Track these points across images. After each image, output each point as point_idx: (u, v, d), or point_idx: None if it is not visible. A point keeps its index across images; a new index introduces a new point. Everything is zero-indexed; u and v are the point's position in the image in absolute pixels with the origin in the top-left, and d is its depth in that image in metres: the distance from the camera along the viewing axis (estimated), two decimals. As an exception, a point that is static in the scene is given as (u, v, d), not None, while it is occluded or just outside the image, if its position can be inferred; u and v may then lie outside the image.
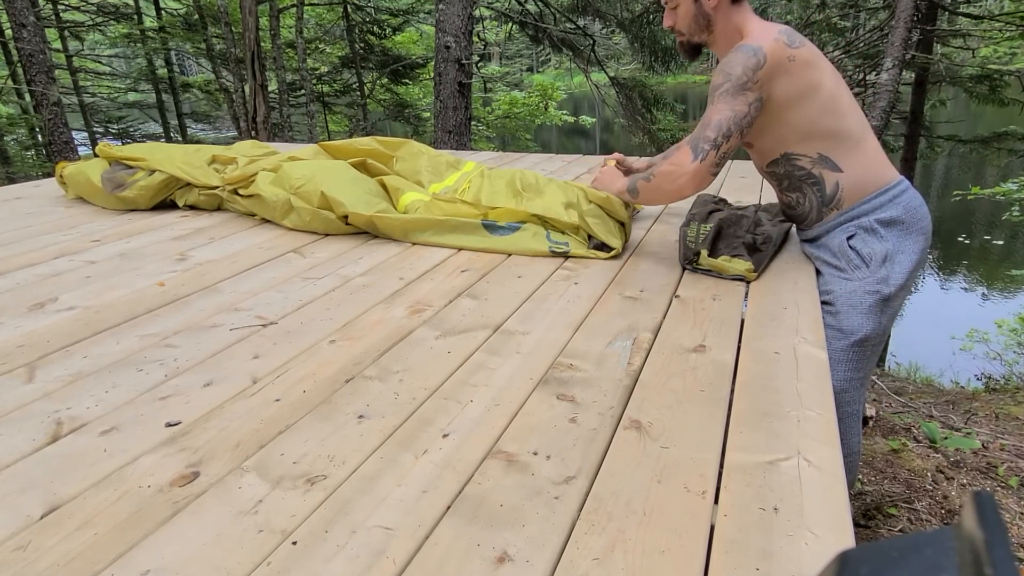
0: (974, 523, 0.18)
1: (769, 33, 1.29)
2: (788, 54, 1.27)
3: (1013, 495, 2.00)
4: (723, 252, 1.42)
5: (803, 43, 1.30)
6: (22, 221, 1.97)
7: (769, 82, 1.29)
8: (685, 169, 1.34)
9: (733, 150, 1.34)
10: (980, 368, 5.40)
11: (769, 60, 1.27)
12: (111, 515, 0.69)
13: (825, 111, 1.31)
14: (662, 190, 1.41)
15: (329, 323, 1.18)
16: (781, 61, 1.27)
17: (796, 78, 1.29)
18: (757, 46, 1.28)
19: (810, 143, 1.34)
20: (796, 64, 1.28)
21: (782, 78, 1.29)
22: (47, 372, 1.01)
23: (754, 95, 1.30)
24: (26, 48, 5.84)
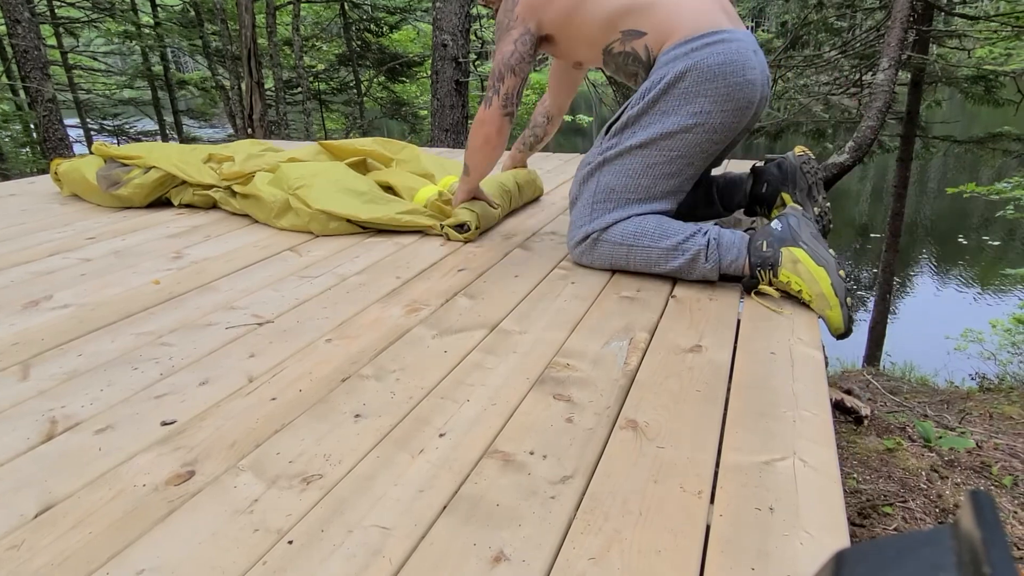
0: (972, 522, 0.18)
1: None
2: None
3: (1007, 494, 2.01)
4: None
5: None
6: (16, 218, 1.96)
7: (530, 14, 1.43)
8: (482, 119, 1.49)
9: (515, 87, 1.46)
10: (974, 368, 5.43)
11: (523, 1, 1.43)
12: (106, 514, 0.68)
13: (597, 1, 1.40)
14: (475, 148, 1.54)
15: (325, 322, 1.17)
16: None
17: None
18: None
19: (610, 29, 1.40)
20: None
21: (545, 5, 1.42)
22: (41, 370, 1.01)
23: (517, 32, 1.43)
24: (21, 44, 5.80)
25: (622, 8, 1.37)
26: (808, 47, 6.60)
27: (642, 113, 1.36)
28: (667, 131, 1.33)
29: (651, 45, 1.37)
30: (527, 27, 1.42)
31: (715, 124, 1.33)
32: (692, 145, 1.34)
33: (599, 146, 1.42)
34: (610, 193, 1.38)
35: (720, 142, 1.37)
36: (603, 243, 1.39)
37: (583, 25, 1.41)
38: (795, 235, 1.21)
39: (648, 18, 1.37)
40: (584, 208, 1.42)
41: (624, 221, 1.37)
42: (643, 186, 1.37)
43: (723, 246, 1.28)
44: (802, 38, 6.46)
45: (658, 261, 1.34)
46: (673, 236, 1.32)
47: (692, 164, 1.37)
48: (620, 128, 1.39)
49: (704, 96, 1.31)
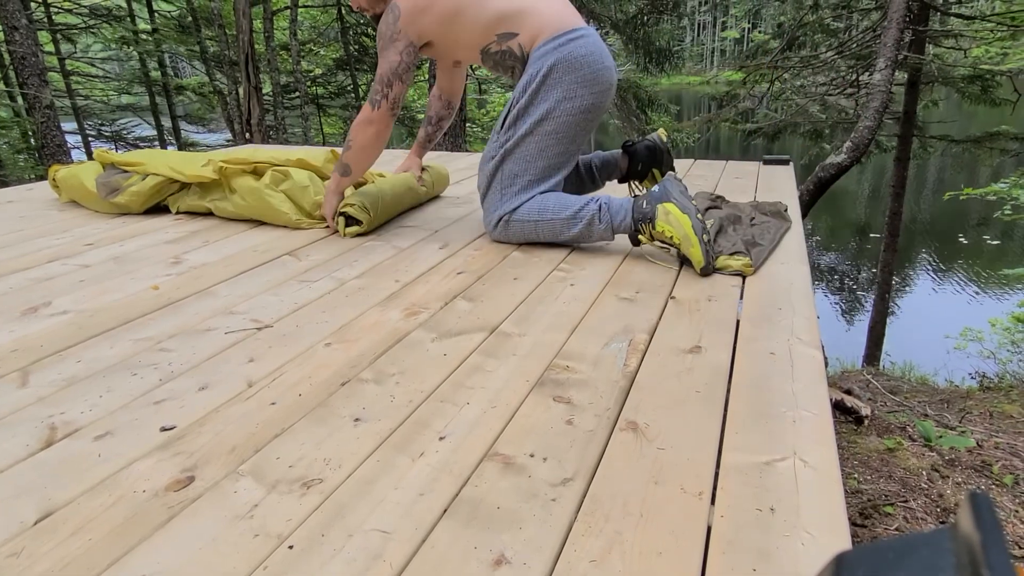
0: (970, 524, 0.18)
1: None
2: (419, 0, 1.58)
3: (1008, 493, 2.01)
4: (723, 249, 1.43)
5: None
6: (14, 225, 1.96)
7: (413, 26, 1.60)
8: (370, 118, 1.65)
9: (402, 93, 1.65)
10: (974, 367, 5.43)
11: (403, 11, 1.58)
12: (106, 520, 0.68)
13: (481, 7, 1.59)
14: (361, 146, 1.68)
15: (324, 326, 1.17)
16: (413, 6, 1.58)
17: (437, 6, 1.58)
18: (394, 3, 1.60)
19: (487, 34, 1.61)
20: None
21: (423, 16, 1.59)
22: (40, 377, 1.01)
23: (402, 44, 1.61)
24: (18, 51, 5.81)
25: (496, 16, 1.59)
26: (805, 48, 6.62)
27: (528, 105, 1.59)
28: (550, 115, 1.57)
29: (523, 43, 1.60)
30: (409, 39, 1.61)
31: (587, 104, 1.58)
32: (572, 123, 1.59)
33: (497, 140, 1.63)
34: (514, 179, 1.61)
35: (593, 119, 1.62)
36: (514, 222, 1.61)
37: (462, 32, 1.61)
38: (668, 193, 1.46)
39: (519, 22, 1.59)
40: (495, 195, 1.64)
41: (529, 201, 1.60)
42: (540, 167, 1.60)
43: (612, 209, 1.52)
44: (799, 39, 6.48)
45: (562, 230, 1.57)
46: (571, 207, 1.56)
47: (575, 140, 1.62)
48: (512, 121, 1.61)
49: (575, 82, 1.56)
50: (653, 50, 6.74)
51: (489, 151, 1.64)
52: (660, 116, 7.05)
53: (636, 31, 6.64)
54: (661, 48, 6.74)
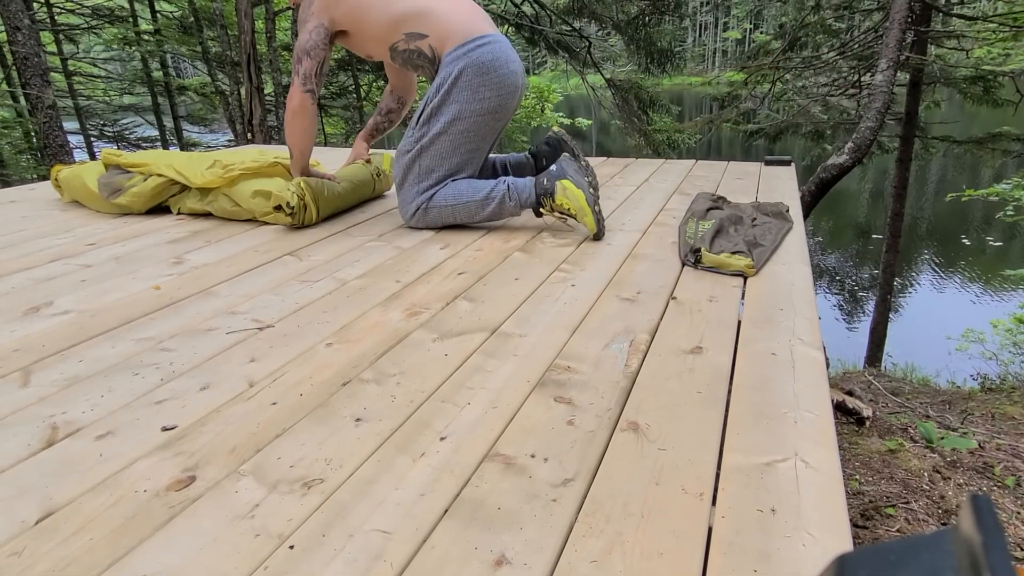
0: (971, 526, 0.18)
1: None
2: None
3: (1010, 494, 2.00)
4: (724, 249, 1.43)
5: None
6: (17, 225, 1.96)
7: (325, 11, 1.72)
8: (290, 95, 1.77)
9: (311, 68, 1.75)
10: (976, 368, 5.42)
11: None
12: (107, 520, 0.68)
13: (388, 3, 1.70)
14: (287, 122, 1.81)
15: (326, 326, 1.18)
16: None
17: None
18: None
19: (394, 31, 1.72)
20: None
21: (335, 3, 1.71)
22: (42, 376, 1.01)
23: (312, 24, 1.73)
24: (21, 51, 5.82)
25: (403, 14, 1.70)
26: (806, 49, 6.62)
27: (440, 104, 1.71)
28: (461, 116, 1.70)
29: (434, 45, 1.71)
30: (321, 21, 1.73)
31: (494, 106, 1.72)
32: (481, 124, 1.73)
33: (412, 136, 1.76)
34: (430, 173, 1.76)
35: (501, 119, 1.77)
36: (432, 209, 1.77)
37: (368, 25, 1.72)
38: (564, 171, 1.68)
39: (426, 23, 1.70)
40: (411, 187, 1.78)
41: (443, 188, 1.76)
42: (453, 163, 1.76)
43: (519, 188, 1.72)
44: (800, 40, 6.48)
45: (477, 211, 1.75)
46: (483, 190, 1.74)
47: (485, 138, 1.78)
48: (426, 119, 1.73)
49: (483, 85, 1.69)
50: (655, 51, 6.74)
51: (405, 145, 1.77)
52: (661, 117, 7.04)
53: (638, 32, 6.63)
54: (663, 49, 6.74)
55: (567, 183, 1.65)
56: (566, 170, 1.68)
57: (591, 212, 1.63)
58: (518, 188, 1.72)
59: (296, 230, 1.84)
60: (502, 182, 1.74)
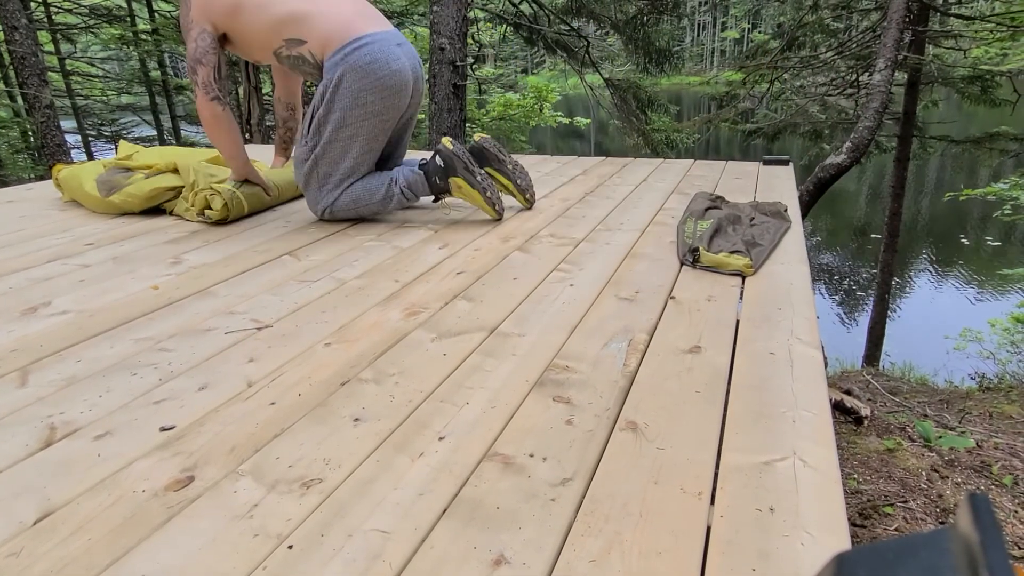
0: (969, 524, 0.18)
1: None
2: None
3: (1007, 493, 2.01)
4: (722, 249, 1.43)
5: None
6: (15, 224, 1.96)
7: (203, 17, 1.71)
8: (199, 107, 1.77)
9: (208, 75, 1.74)
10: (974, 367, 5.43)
11: (195, 2, 1.71)
12: (105, 520, 0.68)
13: (262, 8, 1.69)
14: (209, 134, 1.82)
15: (324, 326, 1.17)
16: (201, 0, 1.70)
17: (223, 2, 1.68)
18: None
19: (274, 37, 1.72)
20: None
21: (211, 7, 1.70)
22: (40, 376, 1.01)
23: (196, 31, 1.71)
24: (18, 51, 5.81)
25: (280, 19, 1.69)
26: (804, 48, 6.62)
27: (326, 113, 1.75)
28: (346, 122, 1.74)
29: (314, 51, 1.73)
30: (203, 27, 1.72)
31: (378, 108, 1.75)
32: (368, 127, 1.77)
33: (306, 144, 1.82)
34: (327, 178, 1.84)
35: (390, 119, 1.81)
36: (338, 212, 1.87)
37: (246, 32, 1.73)
38: (452, 169, 1.81)
39: (305, 28, 1.70)
40: (314, 192, 1.87)
41: (342, 196, 1.85)
42: (347, 166, 1.82)
43: (411, 187, 1.87)
44: (798, 39, 6.48)
45: (379, 209, 1.89)
46: (378, 192, 1.86)
47: (376, 139, 1.82)
48: (316, 128, 1.78)
49: (363, 90, 1.71)
50: (653, 50, 6.74)
51: (301, 154, 1.84)
52: (660, 116, 7.04)
53: (636, 31, 6.63)
54: (661, 48, 6.74)
55: (460, 182, 1.81)
56: (453, 168, 1.81)
57: (484, 202, 1.82)
58: (411, 186, 1.86)
59: (294, 231, 1.83)
60: (393, 183, 1.86)
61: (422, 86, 1.90)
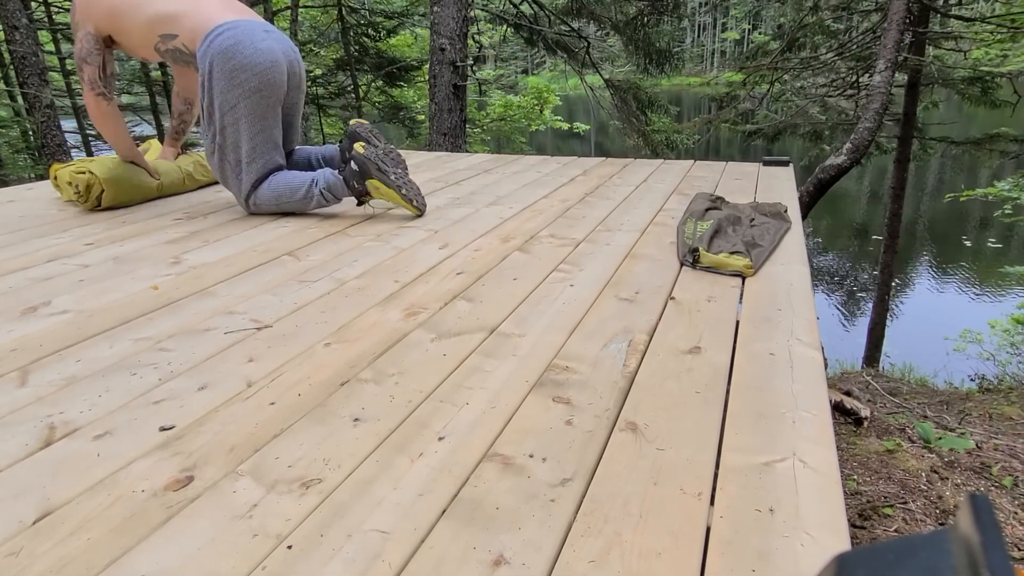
0: (970, 525, 0.18)
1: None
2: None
3: (1007, 495, 2.01)
4: (722, 249, 1.43)
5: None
6: (15, 224, 1.96)
7: (86, 19, 1.83)
8: (86, 102, 1.92)
9: (93, 73, 1.88)
10: (974, 368, 5.43)
11: (77, 6, 1.83)
12: (105, 520, 0.68)
13: (136, 9, 1.80)
14: (97, 127, 1.99)
15: (324, 326, 1.17)
16: (82, 4, 1.82)
17: (102, 6, 1.81)
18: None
19: (150, 34, 1.83)
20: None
21: (90, 10, 1.82)
22: (40, 376, 1.01)
23: (81, 32, 1.84)
24: (19, 50, 5.80)
25: (153, 16, 1.80)
26: (805, 49, 6.62)
27: (210, 101, 1.82)
28: (227, 105, 1.81)
29: (187, 44, 1.82)
30: (87, 29, 1.84)
31: (256, 84, 1.80)
32: (251, 106, 1.82)
33: (207, 138, 1.90)
34: (236, 165, 1.90)
35: (273, 96, 1.86)
36: (260, 204, 1.95)
37: (125, 31, 1.83)
38: (367, 172, 1.87)
39: (175, 23, 1.80)
40: (233, 183, 1.94)
41: (262, 186, 1.92)
42: (248, 149, 1.87)
43: (332, 188, 1.92)
44: (799, 40, 6.48)
45: (301, 206, 1.95)
46: (299, 190, 1.92)
47: (266, 118, 1.87)
48: (207, 120, 1.86)
49: (235, 69, 1.77)
50: (653, 51, 6.74)
51: (207, 148, 1.93)
52: (660, 117, 7.03)
53: (636, 32, 6.63)
54: (661, 49, 6.74)
55: (377, 183, 1.89)
56: (368, 170, 1.88)
57: (402, 200, 1.90)
58: (332, 188, 1.93)
59: (293, 231, 1.83)
60: (315, 185, 1.92)
61: (301, 72, 1.99)
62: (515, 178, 2.58)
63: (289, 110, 2.03)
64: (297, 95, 2.02)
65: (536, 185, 2.42)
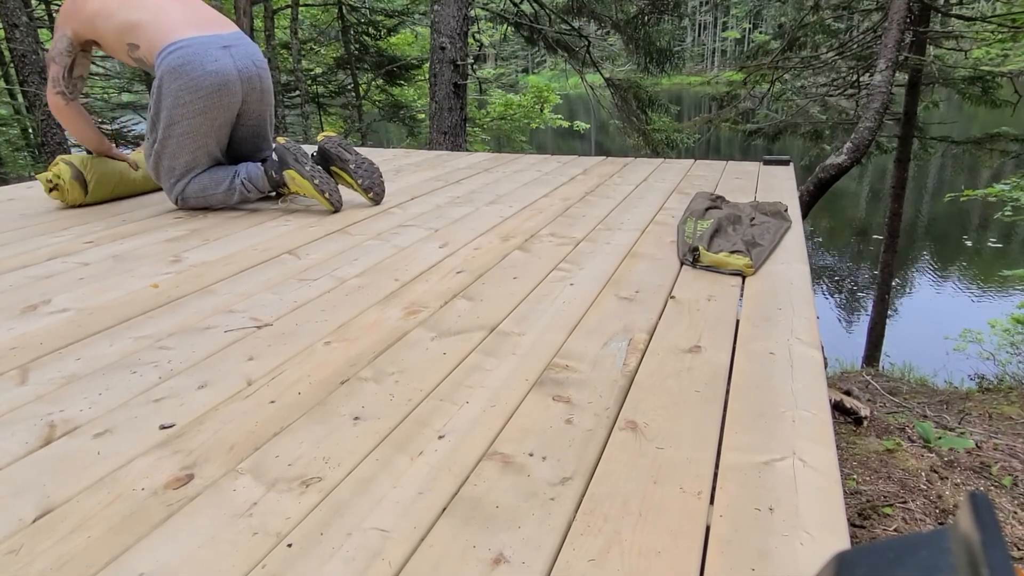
0: (970, 524, 0.18)
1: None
2: (78, 3, 1.89)
3: (1007, 494, 2.01)
4: (723, 248, 1.43)
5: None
6: (15, 222, 1.96)
7: (66, 24, 1.91)
8: (48, 98, 2.00)
9: (58, 72, 1.95)
10: (973, 368, 5.43)
11: (61, 14, 1.93)
12: (105, 518, 0.68)
13: (109, 18, 1.87)
14: (62, 122, 2.06)
15: (324, 325, 1.17)
16: (64, 12, 1.92)
17: (79, 14, 1.89)
18: (62, 8, 1.95)
19: (120, 42, 1.90)
20: (79, 4, 1.89)
21: (70, 20, 1.90)
22: (40, 374, 1.01)
23: (59, 34, 1.93)
24: (19, 48, 5.80)
25: (119, 28, 1.87)
26: (805, 49, 6.62)
27: (157, 111, 1.90)
28: (172, 120, 1.88)
29: (145, 56, 1.88)
30: (64, 32, 1.93)
31: (202, 106, 1.87)
32: (197, 125, 1.90)
33: (148, 141, 1.97)
34: (172, 171, 1.99)
35: (219, 117, 1.93)
36: (188, 199, 2.02)
37: (103, 37, 1.91)
38: (285, 163, 1.99)
39: (137, 34, 1.87)
40: (165, 183, 2.02)
41: (190, 184, 2.00)
42: (185, 160, 1.97)
43: (253, 180, 2.01)
44: (799, 40, 6.48)
45: (225, 200, 2.03)
46: (223, 183, 2.00)
47: (208, 135, 1.95)
48: (151, 126, 1.94)
49: (181, 90, 1.84)
50: (654, 50, 6.74)
51: (146, 150, 2.00)
52: (660, 116, 7.03)
53: (637, 31, 6.63)
54: (662, 48, 6.73)
55: (293, 174, 1.98)
56: (287, 161, 1.99)
57: (317, 192, 1.97)
58: (253, 180, 2.01)
59: (293, 231, 1.83)
60: (236, 176, 2.00)
61: (262, 84, 2.03)
62: (515, 177, 2.58)
63: (255, 121, 2.09)
64: (261, 107, 2.07)
65: (536, 184, 2.42)
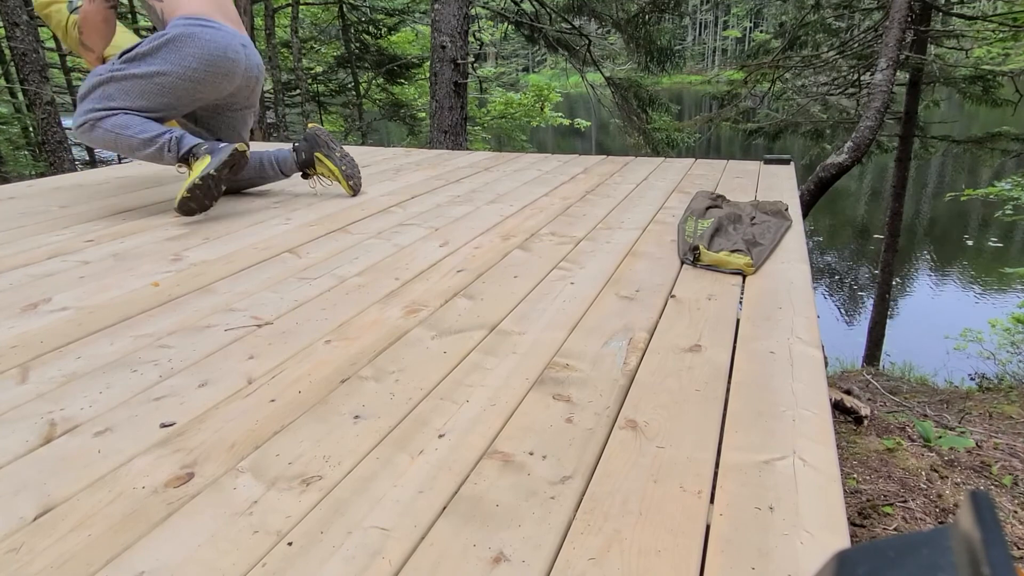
0: (971, 522, 0.18)
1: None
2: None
3: (1007, 493, 2.01)
4: (723, 247, 1.43)
5: None
6: (15, 221, 1.96)
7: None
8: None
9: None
10: (974, 367, 5.43)
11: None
12: (105, 516, 0.68)
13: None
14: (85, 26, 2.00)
15: (324, 323, 1.17)
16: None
17: None
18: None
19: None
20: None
21: None
22: (40, 373, 1.01)
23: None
24: (19, 47, 5.80)
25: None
26: (806, 48, 6.62)
27: (148, 53, 1.82)
28: (163, 71, 1.82)
29: (164, 12, 1.88)
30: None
31: (199, 76, 1.85)
32: (178, 87, 1.85)
33: (112, 65, 1.84)
34: (109, 99, 1.83)
35: (206, 94, 1.91)
36: (99, 128, 1.84)
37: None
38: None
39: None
40: (89, 103, 1.84)
41: (115, 116, 1.84)
42: (137, 105, 1.85)
43: (183, 143, 1.85)
44: (800, 39, 6.48)
45: (138, 148, 1.84)
46: (150, 132, 1.84)
47: (179, 100, 1.89)
48: (131, 58, 1.83)
49: (192, 55, 1.82)
50: (654, 49, 6.73)
51: (101, 68, 1.86)
52: (661, 115, 7.03)
53: (637, 30, 6.62)
54: (662, 47, 6.73)
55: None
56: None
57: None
58: (182, 143, 1.85)
59: (293, 230, 1.83)
60: (170, 132, 1.86)
61: (256, 87, 2.10)
62: (516, 176, 2.58)
63: (237, 116, 2.14)
64: (246, 103, 2.12)
65: (537, 183, 2.42)
